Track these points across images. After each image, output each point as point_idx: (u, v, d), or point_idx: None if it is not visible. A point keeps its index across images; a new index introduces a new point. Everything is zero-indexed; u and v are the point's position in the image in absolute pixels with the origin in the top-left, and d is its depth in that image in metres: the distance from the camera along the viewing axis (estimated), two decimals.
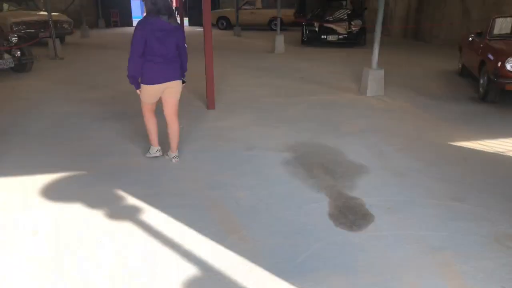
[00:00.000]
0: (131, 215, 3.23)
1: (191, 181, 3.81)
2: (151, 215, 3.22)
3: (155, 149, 4.36)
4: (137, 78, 3.88)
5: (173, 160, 4.24)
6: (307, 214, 3.21)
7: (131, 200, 3.45)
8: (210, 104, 6.20)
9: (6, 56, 8.27)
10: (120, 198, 3.50)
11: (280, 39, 12.28)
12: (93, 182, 3.80)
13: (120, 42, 14.53)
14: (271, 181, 3.79)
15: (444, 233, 2.95)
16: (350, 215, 3.19)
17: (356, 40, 13.54)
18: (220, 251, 2.76)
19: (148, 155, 4.37)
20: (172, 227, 3.05)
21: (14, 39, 8.57)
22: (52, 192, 3.60)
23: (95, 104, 6.40)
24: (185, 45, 4.07)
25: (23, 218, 3.17)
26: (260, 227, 3.04)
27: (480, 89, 6.54)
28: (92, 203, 3.39)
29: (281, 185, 3.70)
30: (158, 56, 3.80)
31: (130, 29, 10.50)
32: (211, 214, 3.24)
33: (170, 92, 4.05)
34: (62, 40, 13.48)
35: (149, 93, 3.98)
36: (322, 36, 13.42)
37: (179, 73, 4.06)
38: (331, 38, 13.36)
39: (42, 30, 12.55)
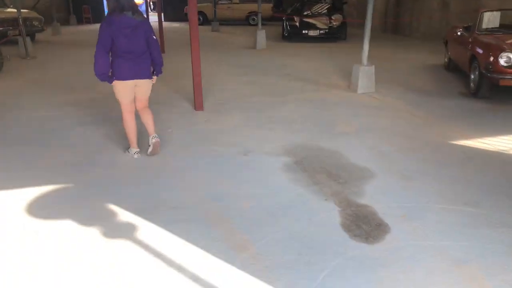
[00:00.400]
0: (127, 232, 2.95)
1: (190, 192, 3.55)
2: (149, 232, 2.95)
3: (133, 151, 4.28)
4: (107, 74, 3.92)
5: (153, 140, 4.22)
6: (319, 226, 3.01)
7: (126, 216, 3.17)
8: (198, 105, 5.92)
9: None
10: (114, 214, 3.21)
11: (261, 35, 12.04)
12: (82, 196, 3.50)
13: (94, 40, 13.94)
14: (274, 189, 3.57)
15: (465, 242, 2.80)
16: (364, 225, 3.01)
17: (337, 35, 13.45)
18: (231, 273, 2.53)
19: (127, 153, 4.33)
20: (173, 246, 2.79)
21: None
22: (37, 210, 3.28)
23: (74, 107, 6.03)
24: (154, 37, 4.07)
25: (7, 241, 2.86)
26: (270, 242, 2.82)
27: (471, 84, 6.49)
28: (84, 221, 3.10)
29: (285, 193, 3.49)
30: (127, 52, 3.86)
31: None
32: (215, 229, 2.99)
33: (140, 90, 4.11)
34: (32, 38, 12.83)
35: (122, 89, 4.01)
36: (303, 31, 13.24)
37: (149, 71, 4.09)
38: (312, 33, 13.20)
39: (10, 28, 11.91)
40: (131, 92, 4.09)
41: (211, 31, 17.25)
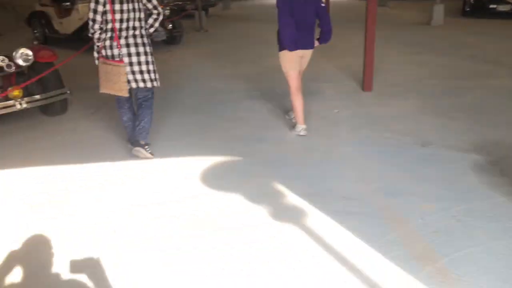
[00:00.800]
0: (295, 216, 2.80)
1: (360, 182, 3.22)
2: (317, 220, 2.74)
3: (300, 127, 4.14)
4: (295, 42, 3.84)
5: (301, 133, 4.11)
6: None
7: (293, 198, 3.02)
8: (366, 85, 5.47)
9: (159, 29, 8.54)
10: (281, 194, 3.09)
11: (438, 9, 10.71)
12: (251, 171, 3.47)
13: (262, 14, 14.39)
14: (463, 192, 3.00)
15: None
16: None
17: None
18: (414, 285, 2.15)
19: (293, 131, 4.20)
20: (344, 241, 2.52)
21: (167, 12, 8.77)
22: (210, 178, 3.36)
23: (242, 81, 6.16)
24: (323, 4, 4.02)
25: (180, 203, 2.97)
26: (461, 258, 2.34)
27: None
28: (253, 197, 3.05)
29: (481, 200, 2.89)
30: (300, 22, 3.81)
31: (270, 1, 10.14)
32: (391, 229, 2.62)
33: (304, 61, 4.10)
34: (206, 13, 13.79)
35: (291, 59, 3.96)
36: (490, 6, 11.39)
37: (314, 42, 4.03)
38: (502, 7, 11.26)
39: (188, 2, 12.95)
40: (299, 63, 4.03)
41: (379, 5, 16.14)
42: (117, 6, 3.40)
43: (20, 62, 4.37)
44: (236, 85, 5.96)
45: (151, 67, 3.62)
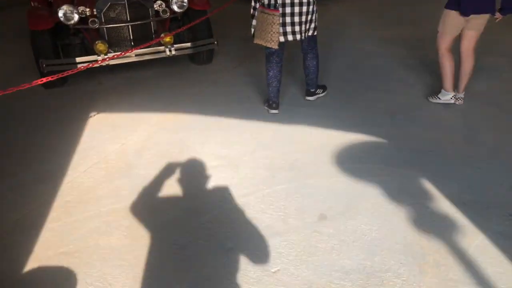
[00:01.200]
0: (441, 229, 2.32)
1: None
2: (471, 239, 2.22)
3: (448, 95, 3.72)
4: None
5: (457, 102, 3.70)
6: None
7: (443, 205, 2.50)
8: None
9: None
10: (428, 197, 2.60)
11: None
12: (394, 159, 3.00)
13: None
14: None
15: None
16: None
17: None
18: None
19: (432, 99, 3.81)
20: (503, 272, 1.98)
21: None
22: (347, 160, 3.00)
23: (398, 45, 5.43)
24: None
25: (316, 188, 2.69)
26: None
27: None
28: (391, 193, 2.62)
29: None
30: None
31: None
32: None
33: (475, 23, 3.42)
34: None
35: (450, 21, 3.49)
36: None
37: (493, 5, 3.35)
38: None
39: None
40: (458, 29, 3.51)
41: None
42: None
43: (175, 8, 4.40)
44: (389, 50, 5.28)
45: (309, 17, 3.39)
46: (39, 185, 2.73)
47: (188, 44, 4.48)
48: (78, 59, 4.07)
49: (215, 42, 4.61)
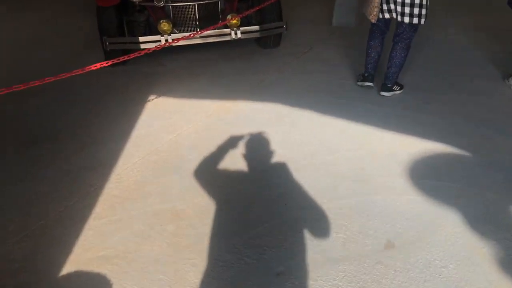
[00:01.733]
0: None
1: None
2: None
3: None
4: None
5: None
6: None
7: None
8: None
9: None
10: None
11: None
12: (479, 177, 2.55)
13: None
14: None
15: None
16: None
17: None
18: None
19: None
20: None
21: None
22: (416, 174, 2.60)
23: (484, 35, 4.82)
24: None
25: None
26: None
27: None
28: (469, 217, 2.22)
29: None
30: None
31: None
32: None
33: None
34: None
35: None
36: None
37: None
38: None
39: None
40: None
41: None
42: None
43: None
44: (474, 41, 4.64)
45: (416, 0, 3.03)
46: (87, 172, 2.63)
47: (256, 27, 4.19)
48: (141, 39, 3.94)
49: (284, 26, 4.28)
